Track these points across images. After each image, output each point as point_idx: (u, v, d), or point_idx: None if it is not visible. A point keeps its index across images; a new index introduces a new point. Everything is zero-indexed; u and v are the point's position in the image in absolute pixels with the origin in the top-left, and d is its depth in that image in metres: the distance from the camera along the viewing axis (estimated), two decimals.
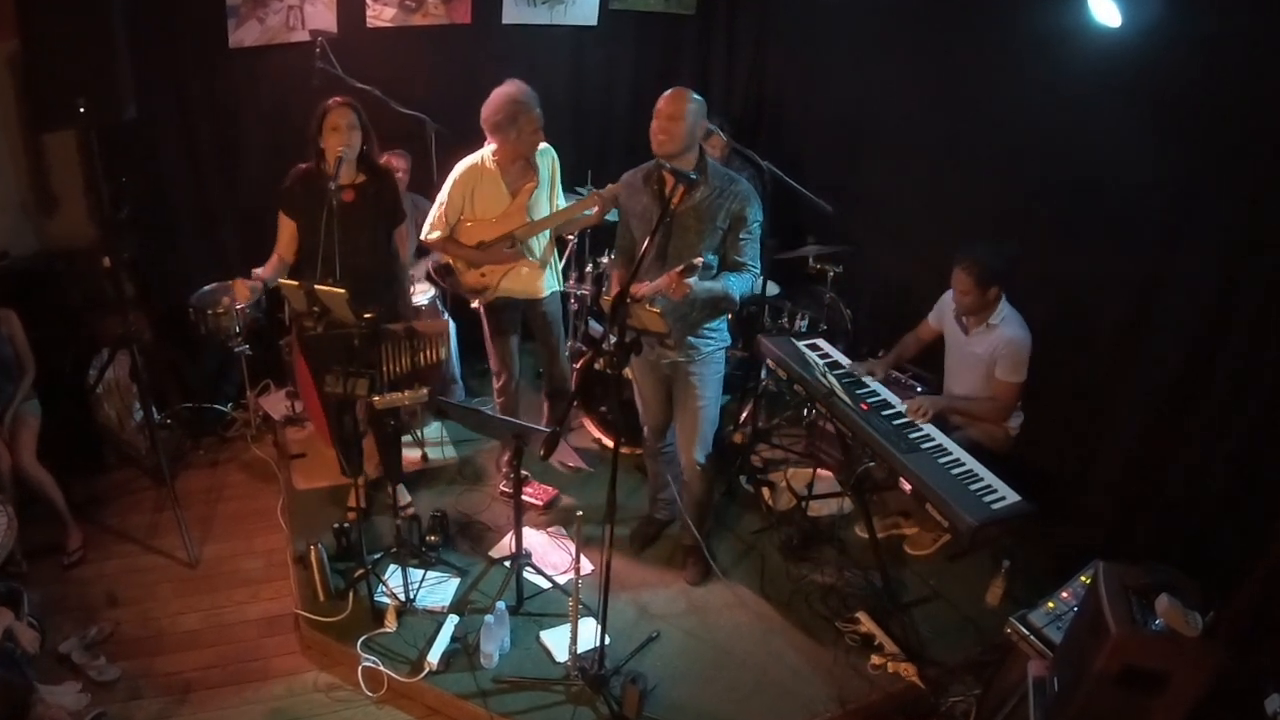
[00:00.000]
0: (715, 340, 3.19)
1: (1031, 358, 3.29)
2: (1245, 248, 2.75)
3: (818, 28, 4.58)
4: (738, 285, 2.98)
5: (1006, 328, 3.28)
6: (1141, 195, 3.04)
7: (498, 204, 3.46)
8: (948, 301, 3.46)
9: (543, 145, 3.50)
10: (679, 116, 2.86)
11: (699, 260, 2.74)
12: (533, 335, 3.84)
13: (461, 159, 3.49)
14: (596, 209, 3.44)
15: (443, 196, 3.48)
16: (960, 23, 3.69)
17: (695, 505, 3.46)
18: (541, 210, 3.53)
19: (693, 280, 2.74)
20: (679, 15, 4.84)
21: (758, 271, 3.07)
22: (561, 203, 3.63)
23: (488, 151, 3.46)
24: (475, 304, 3.67)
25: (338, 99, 3.09)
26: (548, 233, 3.60)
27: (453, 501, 3.87)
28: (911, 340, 3.68)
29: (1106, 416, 3.29)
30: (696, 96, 2.92)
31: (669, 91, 2.92)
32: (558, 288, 3.75)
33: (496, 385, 3.85)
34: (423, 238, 3.58)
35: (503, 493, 3.92)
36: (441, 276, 4.24)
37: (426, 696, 3.00)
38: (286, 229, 3.22)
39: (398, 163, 4.17)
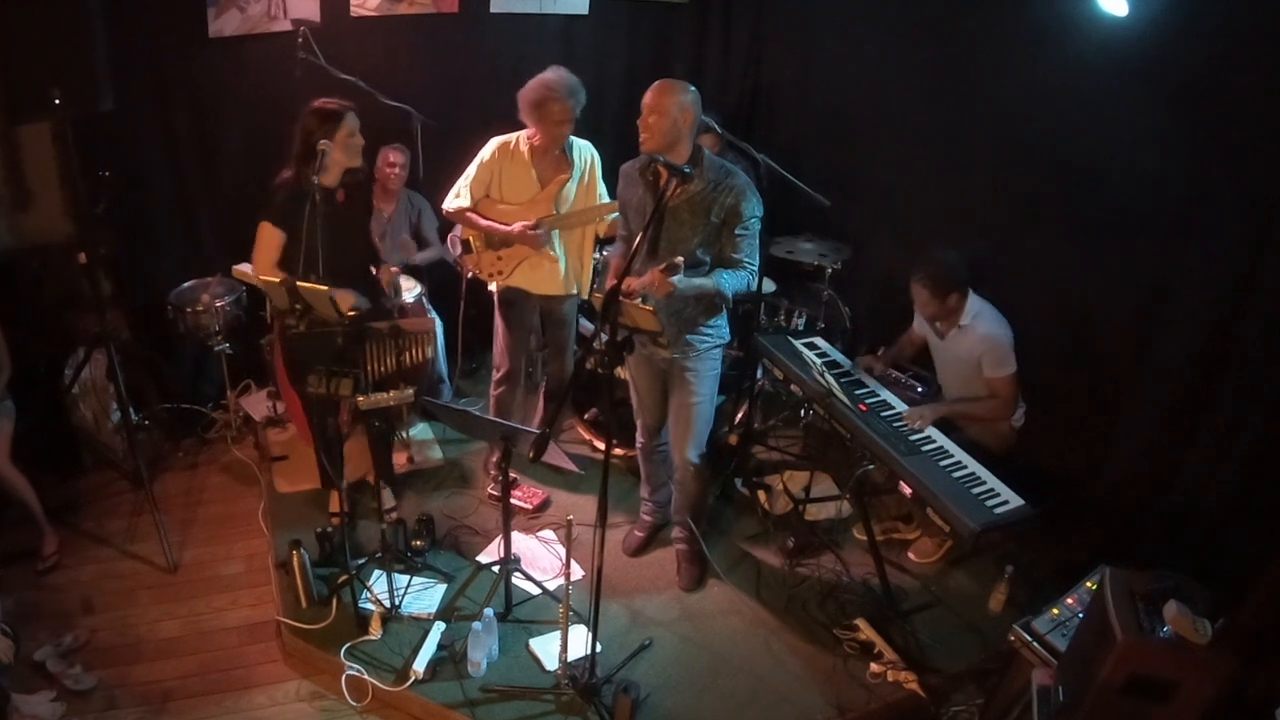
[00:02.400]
0: (713, 337, 3.13)
1: (1035, 358, 3.24)
2: (1255, 246, 2.69)
3: (815, 16, 4.51)
4: (731, 282, 2.89)
5: (980, 326, 3.24)
6: (1148, 191, 2.99)
7: (525, 190, 3.42)
8: None
9: (583, 142, 3.47)
10: (661, 111, 2.78)
11: (679, 259, 2.67)
12: (543, 332, 3.80)
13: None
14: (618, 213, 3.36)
15: (471, 170, 3.45)
16: (962, 12, 3.63)
17: (690, 506, 3.41)
18: (570, 207, 3.49)
19: (676, 279, 2.68)
20: (672, 3, 4.77)
21: (755, 268, 2.99)
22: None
23: (524, 134, 3.41)
24: (492, 286, 3.62)
25: (343, 103, 2.96)
26: (580, 232, 3.56)
27: (439, 505, 3.81)
28: (906, 342, 3.65)
29: (1112, 419, 3.23)
30: (688, 89, 2.83)
31: (654, 84, 2.84)
32: (576, 290, 3.68)
33: (495, 377, 3.80)
34: (444, 206, 3.55)
35: (491, 496, 3.84)
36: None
37: (412, 706, 2.95)
38: (275, 241, 3.02)
39: (396, 157, 4.11)
